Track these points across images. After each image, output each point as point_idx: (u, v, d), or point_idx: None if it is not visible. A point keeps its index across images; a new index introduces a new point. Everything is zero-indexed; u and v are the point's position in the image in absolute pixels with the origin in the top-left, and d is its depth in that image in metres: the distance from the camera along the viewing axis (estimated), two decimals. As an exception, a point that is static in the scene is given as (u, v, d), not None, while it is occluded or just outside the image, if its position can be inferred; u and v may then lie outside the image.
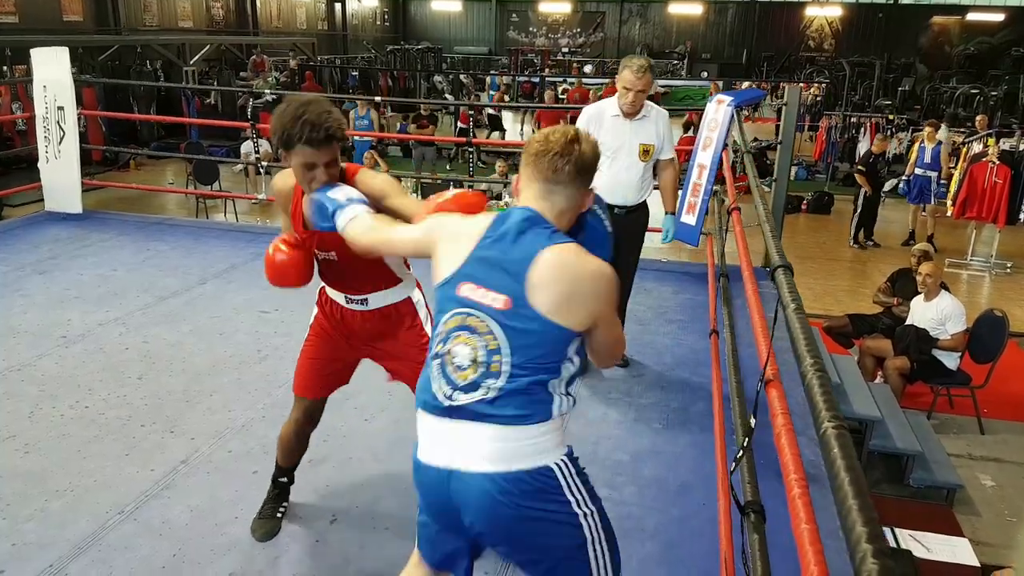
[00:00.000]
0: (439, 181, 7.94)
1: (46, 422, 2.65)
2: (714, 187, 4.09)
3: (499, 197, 7.71)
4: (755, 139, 11.66)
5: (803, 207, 10.00)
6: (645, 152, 3.01)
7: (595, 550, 1.29)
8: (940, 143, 8.32)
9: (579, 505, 1.27)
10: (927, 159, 8.31)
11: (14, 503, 2.21)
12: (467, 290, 1.30)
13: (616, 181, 2.98)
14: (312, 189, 1.71)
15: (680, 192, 3.80)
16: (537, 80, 16.82)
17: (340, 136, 1.70)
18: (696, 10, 23.81)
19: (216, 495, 2.28)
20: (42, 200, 5.34)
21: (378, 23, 24.88)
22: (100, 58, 12.81)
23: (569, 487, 1.27)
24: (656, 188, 3.21)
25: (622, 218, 3.00)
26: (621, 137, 2.98)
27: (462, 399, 1.26)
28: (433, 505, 1.33)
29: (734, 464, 1.46)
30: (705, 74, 21.11)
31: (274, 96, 10.43)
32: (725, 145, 4.20)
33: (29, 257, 4.40)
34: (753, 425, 1.43)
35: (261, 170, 6.15)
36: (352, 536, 2.13)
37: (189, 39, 15.53)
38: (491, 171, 8.09)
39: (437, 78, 18.46)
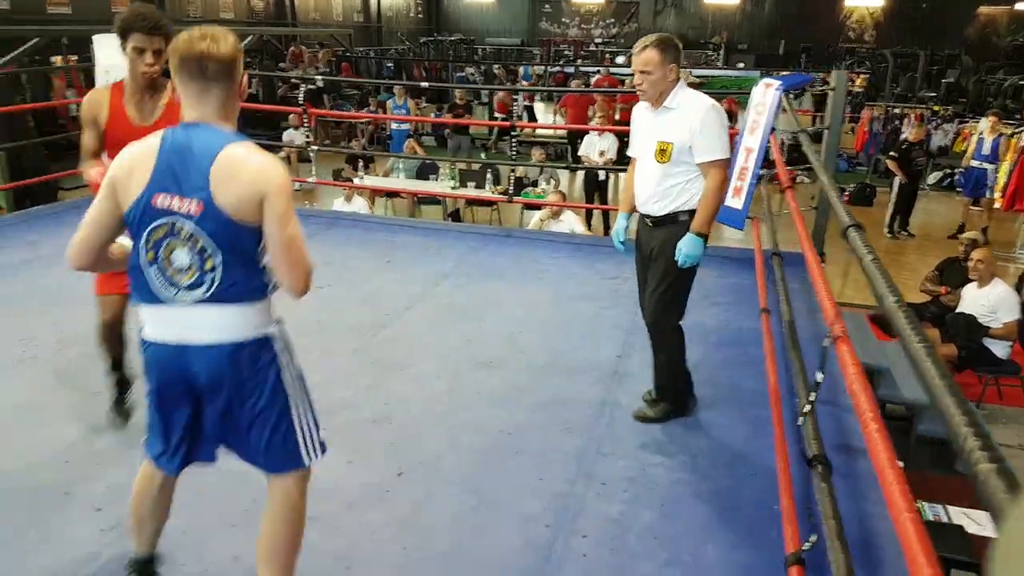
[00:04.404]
0: (475, 167, 8.02)
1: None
2: (761, 170, 4.09)
3: (535, 184, 7.76)
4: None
5: (845, 198, 9.87)
6: (661, 152, 2.39)
7: (296, 406, 1.54)
8: (1001, 135, 7.81)
9: (286, 366, 1.54)
10: (985, 151, 7.90)
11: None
12: (162, 200, 1.40)
13: (639, 184, 2.53)
14: (143, 72, 2.16)
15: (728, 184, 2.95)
16: (571, 71, 16.77)
17: (166, 30, 2.12)
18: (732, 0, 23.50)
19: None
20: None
21: (411, 15, 25.07)
22: (146, 48, 13.16)
23: (281, 350, 1.53)
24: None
25: (651, 230, 2.52)
26: (645, 133, 2.48)
27: (187, 297, 1.43)
28: (165, 374, 1.49)
29: (801, 418, 1.51)
30: (741, 65, 20.82)
31: (323, 83, 10.60)
32: (773, 128, 4.20)
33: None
34: (820, 379, 1.48)
35: (311, 156, 6.32)
36: (418, 488, 2.23)
37: (231, 30, 15.83)
38: (527, 159, 8.13)
39: (469, 69, 18.52)
